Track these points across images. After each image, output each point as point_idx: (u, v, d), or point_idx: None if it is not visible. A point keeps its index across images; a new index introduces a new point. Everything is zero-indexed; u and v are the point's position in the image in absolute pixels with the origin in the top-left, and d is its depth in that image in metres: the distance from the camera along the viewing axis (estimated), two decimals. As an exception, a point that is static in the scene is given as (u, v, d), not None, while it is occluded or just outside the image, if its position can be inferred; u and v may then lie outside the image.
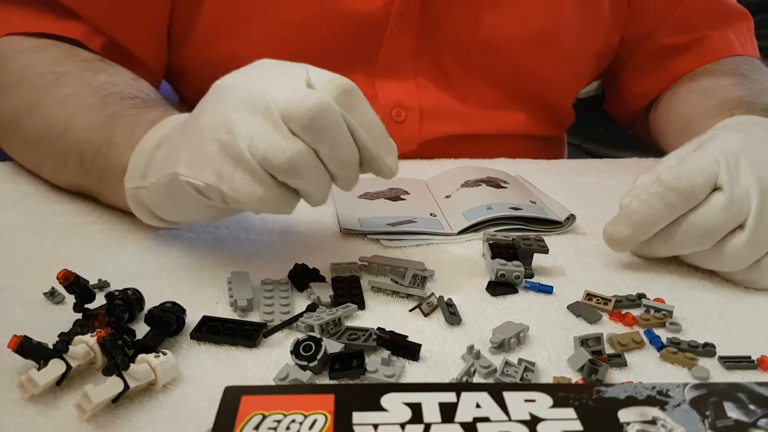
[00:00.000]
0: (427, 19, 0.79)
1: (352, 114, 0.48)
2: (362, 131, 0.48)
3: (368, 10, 0.77)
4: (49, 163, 0.65)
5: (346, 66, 0.78)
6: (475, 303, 0.52)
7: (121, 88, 0.64)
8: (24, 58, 0.68)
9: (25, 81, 0.66)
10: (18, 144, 0.68)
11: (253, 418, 0.33)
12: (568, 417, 0.33)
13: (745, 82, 0.78)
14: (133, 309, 0.47)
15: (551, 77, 0.87)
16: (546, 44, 0.84)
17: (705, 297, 0.55)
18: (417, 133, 0.83)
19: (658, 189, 0.55)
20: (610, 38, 0.88)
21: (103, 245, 0.57)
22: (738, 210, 0.53)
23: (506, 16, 0.81)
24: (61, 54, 0.68)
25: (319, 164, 0.47)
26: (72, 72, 0.66)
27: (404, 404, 0.33)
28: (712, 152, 0.55)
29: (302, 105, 0.45)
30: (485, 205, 0.64)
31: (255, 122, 0.46)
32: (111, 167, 0.57)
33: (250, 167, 0.46)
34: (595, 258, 0.60)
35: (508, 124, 0.87)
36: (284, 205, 0.49)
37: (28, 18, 0.70)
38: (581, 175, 0.80)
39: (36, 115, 0.64)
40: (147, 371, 0.40)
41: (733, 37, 0.87)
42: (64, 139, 0.62)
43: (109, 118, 0.59)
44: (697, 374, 0.45)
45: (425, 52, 0.81)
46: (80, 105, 0.62)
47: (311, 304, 0.50)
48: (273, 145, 0.45)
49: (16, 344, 0.40)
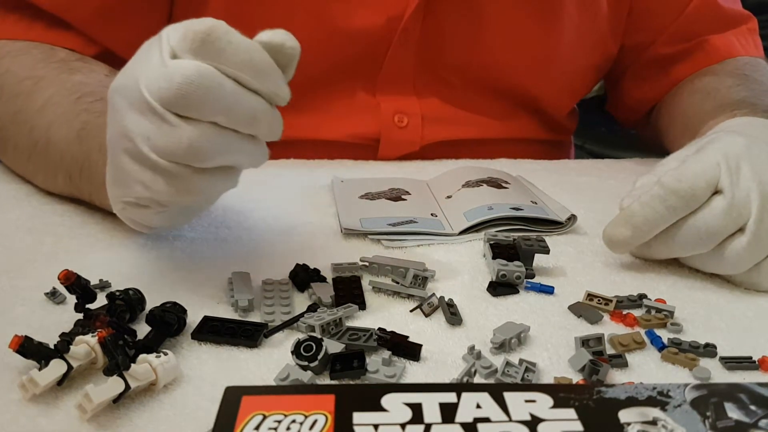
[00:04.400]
0: (429, 37, 0.79)
1: (225, 59, 0.43)
2: (244, 75, 0.43)
3: (371, 27, 0.77)
4: (40, 176, 0.65)
5: (348, 80, 0.79)
6: (476, 303, 0.52)
7: (92, 87, 0.63)
8: (3, 64, 0.68)
9: (5, 88, 0.66)
10: (10, 155, 0.68)
11: (254, 418, 0.33)
12: (569, 417, 0.33)
13: (747, 83, 0.78)
14: (134, 309, 0.47)
15: (548, 91, 0.87)
16: (544, 59, 0.84)
17: (706, 297, 0.55)
18: (420, 138, 0.83)
19: (659, 191, 0.55)
20: (608, 50, 0.88)
21: (104, 245, 0.57)
22: (739, 213, 0.53)
23: (505, 41, 0.81)
24: (39, 56, 0.68)
25: (227, 134, 0.44)
26: (48, 75, 0.65)
27: (405, 404, 0.33)
28: (713, 155, 0.55)
29: (170, 86, 0.42)
30: (486, 206, 0.64)
31: (144, 120, 0.43)
32: (97, 186, 0.57)
33: (161, 167, 0.44)
34: (596, 258, 0.60)
35: (512, 130, 0.87)
36: (220, 186, 0.47)
37: (19, 25, 0.70)
38: (582, 175, 0.80)
39: (20, 126, 0.64)
40: (148, 371, 0.40)
41: (733, 39, 0.87)
42: (49, 152, 0.61)
43: (82, 130, 0.59)
44: (698, 375, 0.45)
45: (426, 67, 0.81)
46: (57, 113, 0.61)
47: (312, 304, 0.50)
48: (168, 138, 0.42)
49: (17, 344, 0.40)
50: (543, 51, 0.83)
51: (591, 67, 0.89)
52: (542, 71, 0.84)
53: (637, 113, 0.93)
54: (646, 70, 0.90)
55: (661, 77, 0.88)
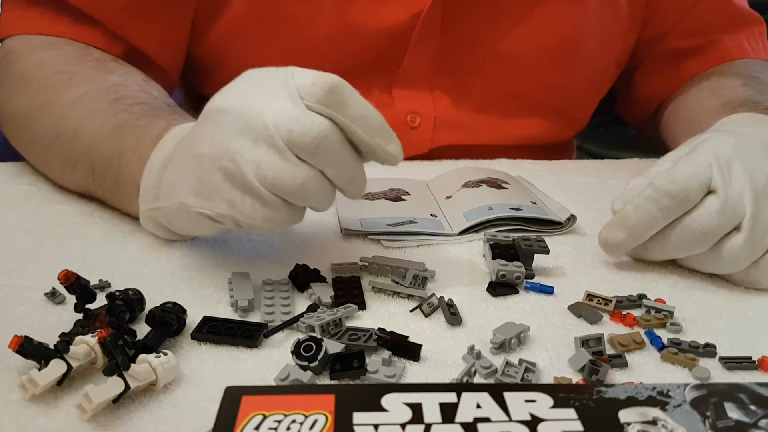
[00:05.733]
0: (449, 33, 0.79)
1: (344, 111, 0.47)
2: (357, 128, 0.48)
3: (392, 25, 0.77)
4: (57, 165, 0.65)
5: (365, 77, 0.78)
6: (476, 303, 0.52)
7: (131, 90, 0.63)
8: (36, 55, 0.67)
9: (36, 79, 0.66)
10: (27, 142, 0.67)
11: (254, 418, 0.33)
12: (569, 417, 0.33)
13: (754, 83, 0.78)
14: (134, 309, 0.47)
15: (572, 87, 0.86)
16: (568, 53, 0.83)
17: (706, 297, 0.55)
18: (429, 140, 0.83)
19: (652, 193, 0.55)
20: (628, 44, 0.88)
21: (104, 245, 0.57)
22: (733, 212, 0.53)
23: (529, 28, 0.80)
24: (73, 53, 0.68)
25: (327, 184, 0.49)
26: (83, 73, 0.65)
27: (405, 404, 0.33)
28: (705, 156, 0.55)
29: (306, 133, 0.46)
30: (486, 206, 0.64)
31: (258, 150, 0.46)
32: (123, 183, 0.58)
33: (259, 193, 0.47)
34: (596, 258, 0.60)
35: (522, 134, 0.86)
36: (294, 220, 0.50)
37: (44, 19, 0.69)
38: (582, 175, 0.80)
39: (46, 115, 0.64)
40: (148, 371, 0.40)
41: (744, 41, 0.87)
42: (73, 143, 0.61)
43: (118, 128, 0.59)
44: (698, 375, 0.45)
45: (444, 64, 0.81)
46: (90, 109, 0.62)
47: (312, 304, 0.50)
48: (281, 173, 0.46)
49: (17, 344, 0.40)
50: (566, 45, 0.82)
51: (614, 60, 0.88)
52: (567, 57, 0.83)
53: (646, 111, 0.93)
54: (658, 65, 0.90)
55: (672, 73, 0.88)
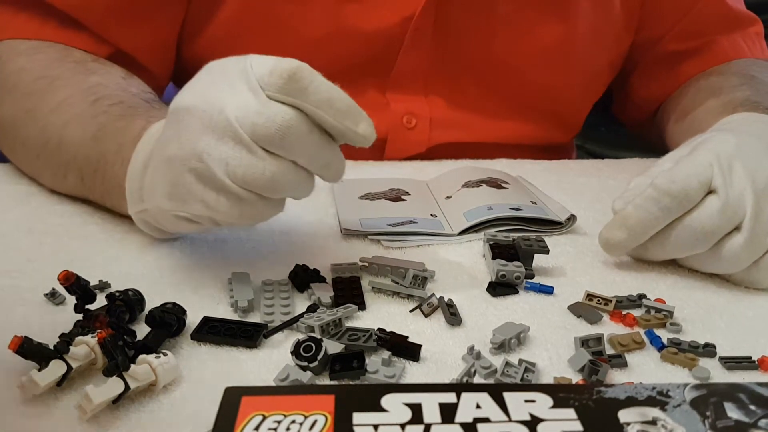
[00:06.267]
0: (442, 36, 0.79)
1: (306, 97, 0.46)
2: (322, 112, 0.46)
3: (384, 27, 0.77)
4: (48, 174, 0.65)
5: (359, 80, 0.78)
6: (476, 303, 0.52)
7: (110, 90, 0.63)
8: (19, 61, 0.68)
9: (19, 86, 0.66)
10: (18, 152, 0.68)
11: (254, 418, 0.33)
12: (569, 417, 0.33)
13: (753, 83, 0.78)
14: (133, 310, 0.47)
15: (565, 90, 0.86)
16: (560, 57, 0.83)
17: (705, 297, 0.55)
18: (427, 140, 0.83)
19: (653, 193, 0.55)
20: (622, 47, 0.88)
21: (104, 246, 0.57)
22: (734, 212, 0.53)
23: (521, 31, 0.80)
24: (54, 56, 0.68)
25: (300, 172, 0.48)
26: (63, 75, 0.65)
27: (404, 405, 0.33)
28: (705, 156, 0.55)
29: (270, 125, 0.45)
30: (486, 206, 0.64)
31: (225, 147, 0.46)
32: (111, 187, 0.57)
33: (232, 191, 0.46)
34: (596, 258, 0.60)
35: (518, 134, 0.87)
36: (273, 213, 0.49)
37: (31, 24, 0.69)
38: (582, 175, 0.80)
39: (32, 123, 0.64)
40: (147, 372, 0.40)
41: (741, 41, 0.87)
42: (60, 152, 0.61)
43: (99, 131, 0.59)
44: (698, 375, 0.45)
45: (438, 67, 0.81)
46: (72, 113, 0.61)
47: (312, 304, 0.50)
48: (251, 168, 0.46)
49: (16, 345, 0.40)
50: (559, 48, 0.82)
51: (607, 64, 0.88)
52: (558, 61, 0.83)
53: (643, 113, 0.93)
54: (655, 68, 0.90)
55: (669, 75, 0.88)
